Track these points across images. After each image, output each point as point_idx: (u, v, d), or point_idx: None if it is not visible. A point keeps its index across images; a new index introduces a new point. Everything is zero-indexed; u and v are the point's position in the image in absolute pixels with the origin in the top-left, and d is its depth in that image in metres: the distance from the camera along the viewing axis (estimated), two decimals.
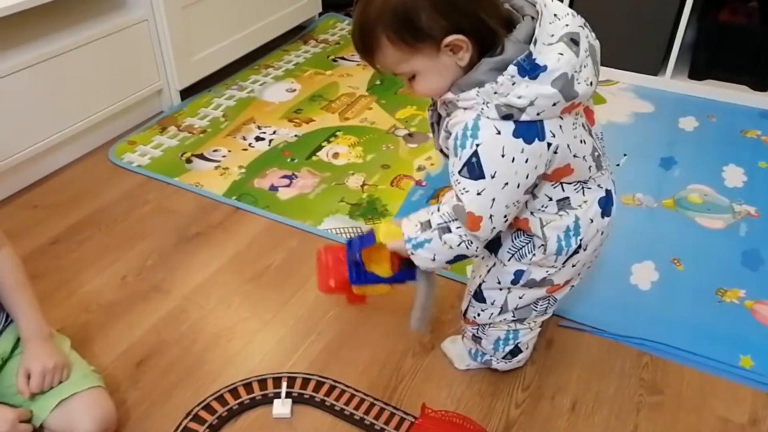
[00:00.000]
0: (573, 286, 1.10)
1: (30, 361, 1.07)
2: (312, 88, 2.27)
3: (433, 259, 0.98)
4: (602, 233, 1.02)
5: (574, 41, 0.84)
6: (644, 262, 1.51)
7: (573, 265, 1.03)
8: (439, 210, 0.97)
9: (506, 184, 0.87)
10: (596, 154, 0.96)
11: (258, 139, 1.98)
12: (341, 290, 1.09)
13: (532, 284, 1.05)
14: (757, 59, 2.15)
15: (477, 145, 0.85)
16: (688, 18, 2.14)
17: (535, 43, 0.82)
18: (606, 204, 1.00)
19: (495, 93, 0.83)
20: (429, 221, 0.97)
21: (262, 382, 1.22)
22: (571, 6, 2.27)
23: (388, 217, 1.65)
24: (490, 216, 0.90)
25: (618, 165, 1.86)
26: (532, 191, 0.94)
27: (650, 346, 1.30)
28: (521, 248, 1.01)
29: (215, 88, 2.26)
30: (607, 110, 2.12)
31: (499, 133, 0.84)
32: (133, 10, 1.92)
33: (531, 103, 0.83)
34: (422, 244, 0.97)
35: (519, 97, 0.82)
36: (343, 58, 2.48)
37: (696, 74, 2.26)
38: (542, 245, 0.99)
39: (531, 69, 0.82)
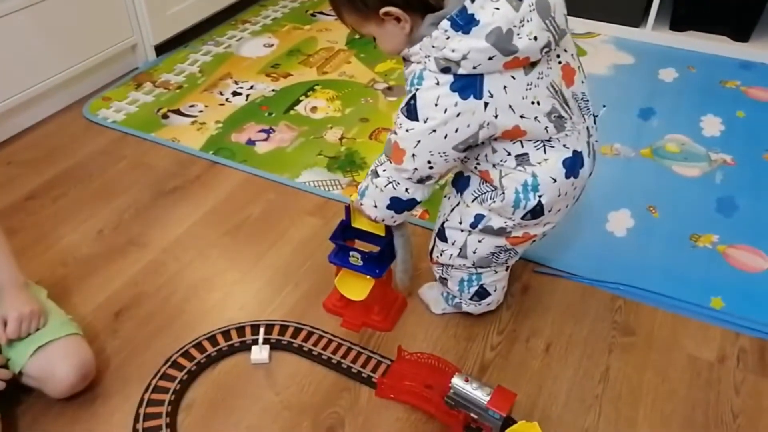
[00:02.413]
0: (535, 240, 1.10)
1: (6, 309, 1.06)
2: (290, 43, 2.23)
3: (375, 206, 1.05)
4: (567, 194, 1.02)
5: None
6: (620, 210, 1.52)
7: (536, 224, 1.05)
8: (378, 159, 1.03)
9: (434, 131, 0.91)
10: (555, 115, 0.94)
11: (235, 94, 1.95)
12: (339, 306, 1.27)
13: (490, 231, 1.06)
14: (737, 10, 2.13)
15: (417, 89, 0.90)
16: None
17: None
18: (572, 165, 0.99)
19: (432, 47, 0.87)
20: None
21: (240, 330, 1.23)
22: None
23: (366, 170, 1.64)
24: (413, 155, 0.95)
25: (597, 116, 1.85)
26: (490, 146, 0.97)
27: (624, 289, 1.32)
28: (484, 193, 1.04)
29: (191, 44, 2.22)
30: (587, 62, 2.06)
31: (438, 84, 0.89)
32: None
33: (464, 57, 0.85)
34: (363, 192, 1.05)
35: (453, 51, 0.85)
36: (321, 13, 2.44)
37: (677, 25, 2.25)
38: (502, 194, 1.01)
39: (465, 23, 0.84)
